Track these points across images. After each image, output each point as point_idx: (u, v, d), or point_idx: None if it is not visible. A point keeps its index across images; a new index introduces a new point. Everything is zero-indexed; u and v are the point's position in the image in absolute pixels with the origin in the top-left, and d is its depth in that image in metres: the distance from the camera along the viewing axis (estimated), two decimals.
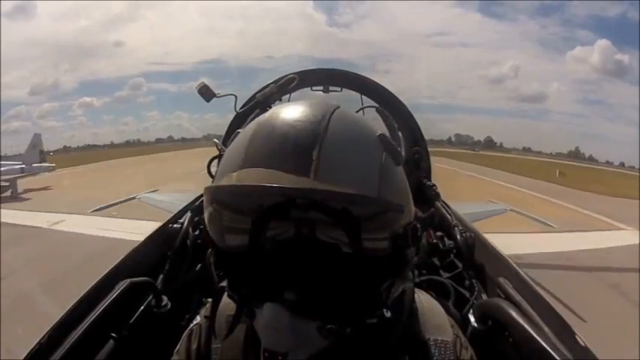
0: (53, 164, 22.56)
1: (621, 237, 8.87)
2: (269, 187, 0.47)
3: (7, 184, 17.15)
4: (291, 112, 0.55)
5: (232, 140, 0.60)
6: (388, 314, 0.53)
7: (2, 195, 16.31)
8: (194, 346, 0.69)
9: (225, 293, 0.68)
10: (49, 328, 0.88)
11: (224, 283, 0.69)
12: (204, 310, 0.71)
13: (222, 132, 2.42)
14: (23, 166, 18.78)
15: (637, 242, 8.32)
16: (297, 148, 0.50)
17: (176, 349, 0.71)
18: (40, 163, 20.27)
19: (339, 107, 0.56)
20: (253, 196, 0.49)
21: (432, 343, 0.63)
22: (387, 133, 0.60)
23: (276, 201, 0.47)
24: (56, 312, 0.94)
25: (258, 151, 0.52)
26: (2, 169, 17.52)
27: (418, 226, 0.55)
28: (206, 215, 0.56)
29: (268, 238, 0.49)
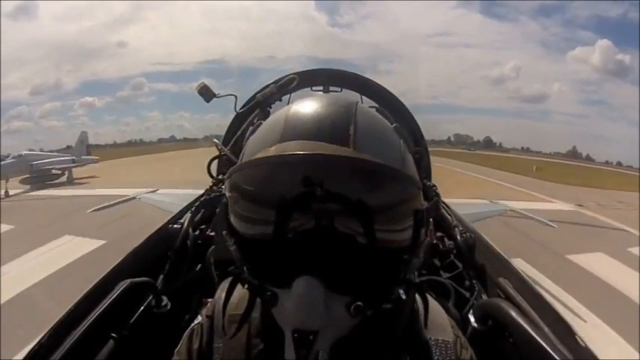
0: (97, 157, 27.08)
1: (543, 206, 14.04)
2: (311, 155, 0.50)
3: (60, 172, 20.83)
4: (320, 100, 0.60)
5: (255, 129, 0.63)
6: (404, 296, 0.55)
7: (58, 181, 20.24)
8: (195, 345, 0.68)
9: (225, 295, 0.69)
10: (49, 328, 0.88)
11: (227, 282, 0.68)
12: (206, 310, 0.71)
13: (223, 132, 2.42)
14: (74, 157, 22.84)
15: (555, 208, 13.96)
16: (334, 124, 0.54)
17: (177, 349, 0.71)
18: (87, 156, 24.65)
19: (358, 101, 0.62)
20: (298, 165, 0.50)
21: (432, 342, 0.64)
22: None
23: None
24: None
25: (298, 126, 0.55)
26: (55, 159, 21.73)
27: (429, 208, 0.59)
28: (230, 205, 0.57)
29: (291, 228, 0.50)
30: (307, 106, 0.58)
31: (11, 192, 16.48)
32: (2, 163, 18.68)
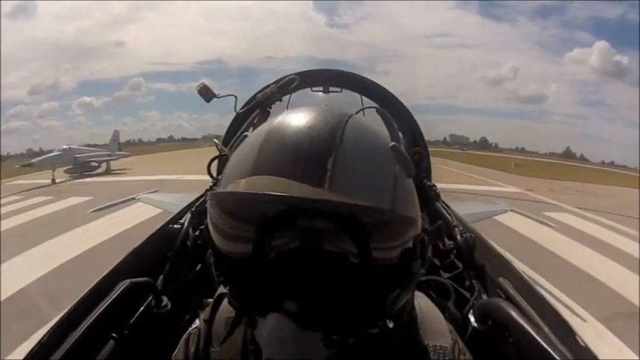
0: (128, 153, 31.96)
1: (495, 188, 17.66)
2: (277, 196, 0.45)
3: (97, 164, 24.59)
4: (304, 118, 0.53)
5: (239, 143, 0.58)
6: (391, 325, 0.52)
7: (96, 172, 23.82)
8: (192, 350, 0.68)
9: (225, 298, 0.68)
10: (49, 328, 0.88)
11: (223, 289, 0.68)
12: (204, 314, 0.71)
13: (222, 132, 2.42)
14: (109, 152, 27.17)
15: (504, 190, 17.72)
16: (311, 156, 0.48)
17: (174, 354, 0.70)
18: (119, 151, 29.43)
19: (352, 116, 0.55)
20: (260, 205, 0.47)
21: (431, 349, 0.62)
22: (389, 135, 0.59)
23: (283, 210, 0.45)
24: None
25: (270, 158, 0.49)
26: (94, 153, 26.20)
27: (426, 238, 0.55)
28: (209, 220, 0.55)
29: (273, 247, 0.47)
30: (285, 128, 0.52)
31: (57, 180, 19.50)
32: (50, 155, 22.89)
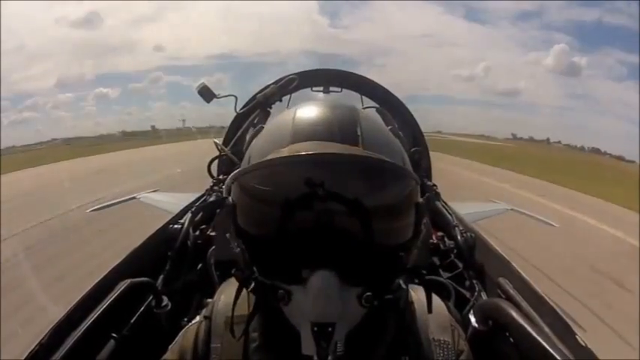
0: None
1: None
2: (330, 154, 0.52)
3: None
4: (324, 103, 0.63)
5: (255, 134, 0.65)
6: (404, 285, 0.57)
7: None
8: (190, 344, 0.68)
9: (224, 295, 0.68)
10: (49, 328, 0.88)
11: (224, 288, 0.71)
12: (205, 311, 0.72)
13: (223, 123, 2.42)
14: None
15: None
16: (343, 125, 0.57)
17: (170, 346, 0.71)
18: None
19: (356, 105, 0.66)
20: (314, 164, 0.53)
21: (435, 343, 0.64)
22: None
23: (333, 170, 0.52)
24: None
25: (308, 128, 0.57)
26: None
27: (423, 203, 0.62)
28: (238, 202, 0.59)
29: (295, 225, 0.52)
30: (313, 108, 0.61)
31: None
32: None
